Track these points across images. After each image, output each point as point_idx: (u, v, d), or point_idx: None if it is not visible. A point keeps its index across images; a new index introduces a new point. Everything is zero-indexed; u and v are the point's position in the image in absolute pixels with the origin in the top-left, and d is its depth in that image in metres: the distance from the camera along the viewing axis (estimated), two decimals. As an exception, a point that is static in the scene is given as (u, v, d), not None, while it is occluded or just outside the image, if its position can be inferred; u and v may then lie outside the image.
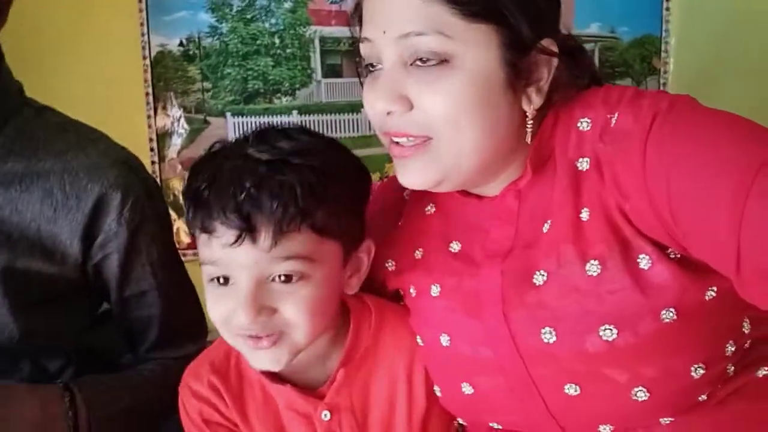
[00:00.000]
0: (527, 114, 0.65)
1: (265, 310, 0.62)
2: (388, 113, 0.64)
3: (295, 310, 0.63)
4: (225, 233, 0.61)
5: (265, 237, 0.60)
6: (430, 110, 0.62)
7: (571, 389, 0.65)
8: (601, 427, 0.66)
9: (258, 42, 1.69)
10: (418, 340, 0.74)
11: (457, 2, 0.60)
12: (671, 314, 0.61)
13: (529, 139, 0.66)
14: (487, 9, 0.61)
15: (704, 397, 0.64)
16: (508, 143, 0.66)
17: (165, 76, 1.68)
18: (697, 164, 0.58)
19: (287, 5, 1.69)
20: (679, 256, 0.62)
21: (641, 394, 0.62)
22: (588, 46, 1.77)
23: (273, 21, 1.69)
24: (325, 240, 0.64)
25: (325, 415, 0.70)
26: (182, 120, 1.70)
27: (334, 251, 0.66)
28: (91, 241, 0.80)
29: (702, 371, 0.62)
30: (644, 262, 0.62)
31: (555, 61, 0.64)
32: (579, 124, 0.66)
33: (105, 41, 1.62)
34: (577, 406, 0.65)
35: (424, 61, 0.62)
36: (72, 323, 0.85)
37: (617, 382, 0.63)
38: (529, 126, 0.66)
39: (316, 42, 1.71)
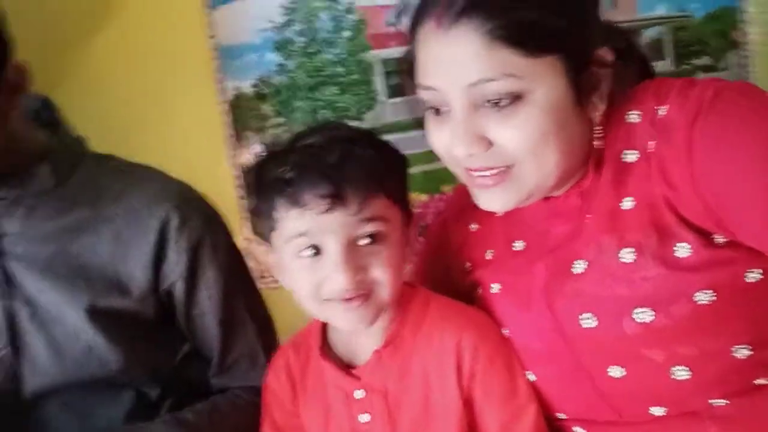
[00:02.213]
0: (594, 121, 0.68)
1: (358, 271, 0.70)
2: (470, 155, 0.66)
3: (382, 269, 0.71)
4: (317, 203, 0.68)
5: (352, 201, 0.68)
6: (511, 145, 0.64)
7: (616, 371, 0.68)
8: (653, 409, 0.68)
9: (323, 73, 1.77)
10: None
11: (522, 43, 0.61)
12: (707, 296, 0.62)
13: (598, 144, 0.69)
14: (550, 42, 0.62)
15: (762, 380, 0.65)
16: (583, 152, 0.69)
17: (242, 116, 1.80)
18: (744, 152, 0.59)
19: (346, 34, 1.76)
20: (724, 241, 0.63)
21: (681, 373, 0.64)
22: (657, 29, 1.69)
23: (335, 51, 1.77)
24: (393, 205, 0.73)
25: (359, 393, 0.75)
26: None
27: (399, 217, 0.74)
28: (158, 272, 0.86)
29: (747, 352, 0.63)
30: (682, 250, 0.63)
31: (611, 57, 0.66)
32: (629, 117, 0.68)
33: (186, 91, 1.77)
34: (625, 388, 0.68)
35: (496, 102, 0.64)
36: (165, 354, 0.92)
37: (656, 361, 0.65)
38: (597, 132, 0.68)
39: (378, 65, 1.76)
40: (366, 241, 0.70)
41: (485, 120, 0.64)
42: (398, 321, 0.76)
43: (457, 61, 0.63)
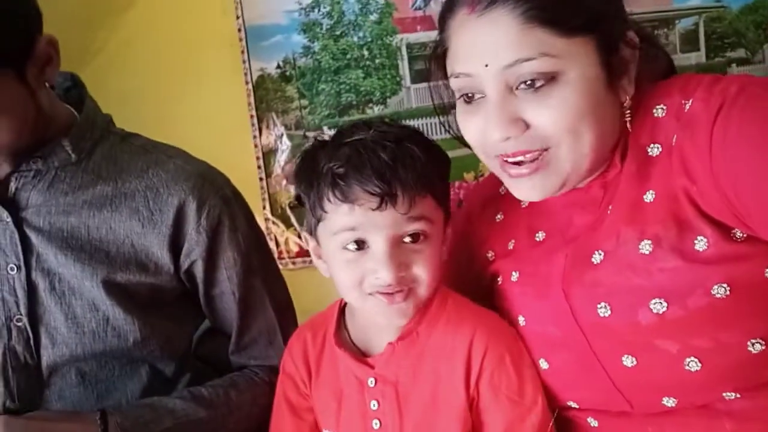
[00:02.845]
0: (624, 104, 0.69)
1: (402, 267, 0.72)
2: (506, 138, 0.67)
3: (423, 267, 0.73)
4: (369, 200, 0.70)
5: (403, 200, 0.70)
6: (549, 126, 0.65)
7: (628, 360, 0.68)
8: (665, 400, 0.69)
9: (348, 56, 1.77)
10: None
11: (557, 22, 0.62)
12: (723, 289, 0.62)
13: (629, 127, 0.69)
14: (584, 22, 0.63)
15: None
16: (613, 137, 0.69)
17: (266, 98, 1.80)
18: (762, 151, 0.59)
19: (373, 17, 1.75)
20: (744, 236, 0.63)
21: (693, 365, 0.65)
22: (691, 20, 1.65)
23: (361, 34, 1.76)
24: (438, 206, 0.75)
25: (371, 382, 0.77)
26: (284, 137, 1.81)
27: (442, 219, 0.76)
28: (178, 251, 0.87)
29: (761, 347, 0.63)
30: (701, 243, 0.63)
31: (638, 41, 0.67)
32: (654, 111, 0.69)
33: (211, 71, 1.78)
34: (637, 377, 0.69)
35: (532, 83, 0.65)
36: (181, 329, 0.93)
37: (669, 352, 0.65)
38: (627, 116, 0.69)
39: (403, 49, 1.75)
40: (410, 239, 0.72)
41: (521, 102, 0.65)
42: (416, 317, 0.77)
43: (493, 43, 0.64)
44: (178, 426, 0.83)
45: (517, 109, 0.65)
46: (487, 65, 0.65)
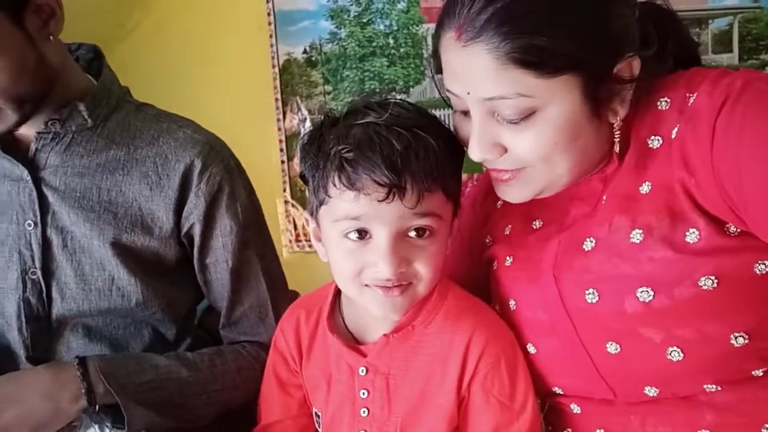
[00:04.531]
0: (614, 125, 0.68)
1: (403, 262, 0.69)
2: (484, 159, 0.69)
3: (426, 264, 0.70)
4: (376, 190, 0.66)
5: (411, 194, 0.66)
6: (523, 153, 0.66)
7: (612, 347, 0.69)
8: (647, 389, 0.69)
9: (374, 44, 1.78)
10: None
11: (535, 65, 0.61)
12: (711, 282, 0.62)
13: (617, 149, 0.69)
14: (563, 65, 0.62)
15: (759, 372, 0.65)
16: (599, 154, 0.69)
17: (291, 82, 1.83)
18: (764, 147, 0.59)
19: (401, 6, 1.76)
20: (737, 231, 0.63)
21: (675, 355, 0.65)
22: (725, 20, 1.62)
23: (387, 23, 1.77)
24: (448, 201, 0.71)
25: (362, 371, 0.76)
26: (307, 121, 1.84)
27: (451, 214, 0.73)
28: (179, 214, 0.90)
29: (744, 341, 0.63)
30: (692, 235, 0.64)
31: (637, 70, 0.65)
32: (659, 104, 0.68)
33: (239, 54, 1.82)
34: (620, 365, 0.69)
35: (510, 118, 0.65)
36: (183, 295, 0.95)
37: (653, 341, 0.66)
38: (616, 137, 0.68)
39: (429, 39, 1.75)
40: (415, 233, 0.69)
41: (500, 128, 0.66)
42: (413, 310, 0.75)
43: (474, 75, 0.64)
44: (159, 381, 0.85)
45: (497, 135, 0.66)
46: (469, 93, 0.65)
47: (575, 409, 0.76)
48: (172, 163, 0.89)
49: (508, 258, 0.79)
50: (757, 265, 0.62)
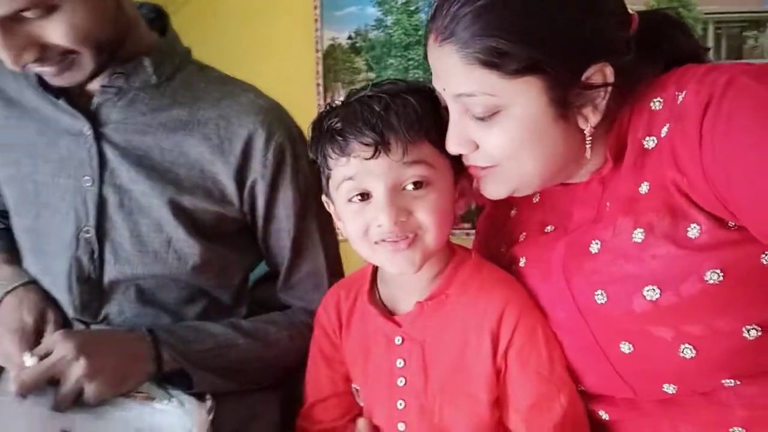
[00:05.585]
0: (585, 131, 0.69)
1: (402, 213, 0.72)
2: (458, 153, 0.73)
3: (426, 212, 0.73)
4: (362, 150, 0.71)
5: (396, 147, 0.71)
6: (492, 150, 0.70)
7: (625, 347, 0.69)
8: (665, 386, 0.70)
9: (420, 32, 1.76)
10: None
11: (494, 66, 0.65)
12: (717, 275, 0.62)
13: (588, 155, 0.70)
14: (524, 68, 0.65)
15: None
16: (570, 157, 0.71)
17: (334, 67, 1.81)
18: (751, 144, 0.59)
19: (449, -5, 1.74)
20: (736, 226, 0.63)
21: (688, 352, 0.65)
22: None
23: (435, 11, 1.75)
24: (440, 153, 0.74)
25: (398, 340, 0.78)
26: (348, 108, 1.82)
27: (447, 166, 0.76)
28: (242, 182, 0.88)
29: (757, 333, 0.62)
30: (693, 231, 0.64)
31: (610, 78, 0.66)
32: (652, 104, 0.69)
33: (283, 38, 1.81)
34: (635, 364, 0.70)
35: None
36: (239, 261, 0.94)
37: (664, 339, 0.66)
38: (588, 142, 0.70)
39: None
40: (412, 186, 0.73)
41: (472, 125, 0.69)
42: (445, 278, 0.78)
43: (445, 73, 0.69)
44: (217, 348, 0.86)
45: (470, 131, 0.70)
46: (444, 89, 0.70)
47: (604, 415, 0.77)
48: (235, 127, 0.87)
49: (522, 259, 0.80)
50: (764, 255, 0.62)
